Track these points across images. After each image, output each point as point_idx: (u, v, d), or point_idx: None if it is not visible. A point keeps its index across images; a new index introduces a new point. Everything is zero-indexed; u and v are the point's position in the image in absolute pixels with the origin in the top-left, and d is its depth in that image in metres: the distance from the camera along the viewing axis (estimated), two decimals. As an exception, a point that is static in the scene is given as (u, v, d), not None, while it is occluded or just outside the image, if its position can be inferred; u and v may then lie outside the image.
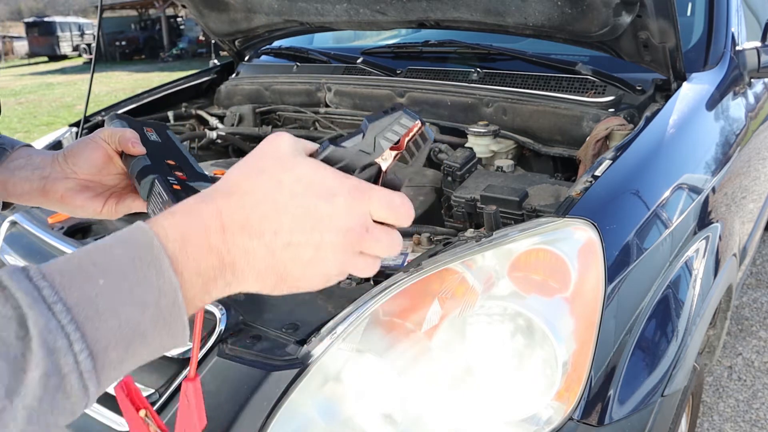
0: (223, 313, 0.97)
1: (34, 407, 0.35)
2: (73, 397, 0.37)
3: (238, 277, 0.44)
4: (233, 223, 0.43)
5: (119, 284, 0.38)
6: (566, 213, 0.92)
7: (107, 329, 0.37)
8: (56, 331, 0.35)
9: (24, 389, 0.34)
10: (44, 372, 0.35)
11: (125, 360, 0.39)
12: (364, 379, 0.87)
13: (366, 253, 0.48)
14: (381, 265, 0.62)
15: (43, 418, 0.36)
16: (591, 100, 1.48)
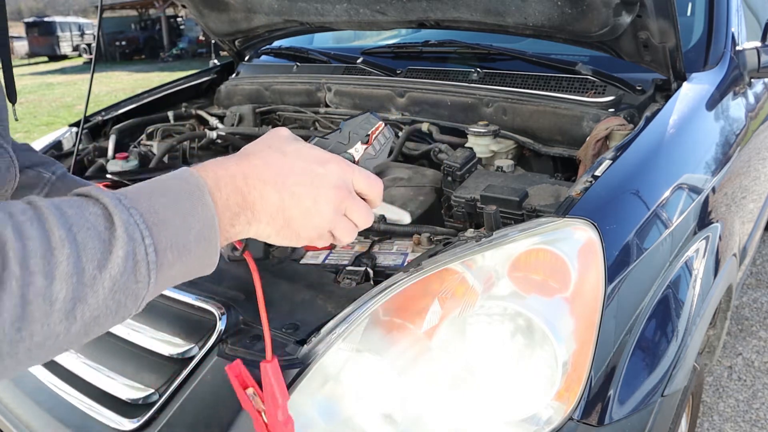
0: (223, 313, 0.97)
1: (116, 280, 0.46)
2: (141, 283, 0.48)
3: (257, 216, 0.56)
4: (253, 175, 0.56)
5: (175, 205, 0.50)
6: (566, 213, 0.92)
7: (166, 235, 0.49)
8: (133, 227, 0.47)
9: (111, 264, 0.46)
10: (125, 254, 0.46)
11: (174, 264, 0.50)
12: (364, 379, 0.87)
13: (348, 217, 0.62)
14: (381, 265, 0.76)
15: (120, 293, 0.47)
16: (591, 100, 1.48)
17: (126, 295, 0.48)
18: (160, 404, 0.94)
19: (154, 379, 1.01)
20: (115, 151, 1.88)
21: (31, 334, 0.43)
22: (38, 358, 0.46)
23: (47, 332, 0.44)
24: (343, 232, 0.62)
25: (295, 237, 0.60)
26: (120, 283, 0.47)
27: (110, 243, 0.46)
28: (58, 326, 0.45)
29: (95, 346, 1.13)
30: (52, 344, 0.45)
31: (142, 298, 0.49)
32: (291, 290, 1.02)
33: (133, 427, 0.96)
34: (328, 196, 0.59)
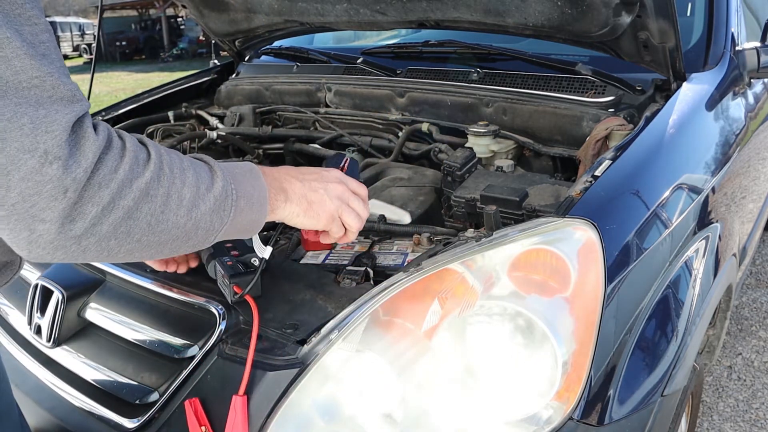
0: (224, 314, 0.97)
1: (217, 200, 0.68)
2: (225, 212, 0.69)
3: (289, 197, 0.81)
4: (283, 171, 0.83)
5: (246, 176, 0.74)
6: (566, 213, 0.92)
7: (242, 189, 0.72)
8: (225, 176, 0.71)
9: (214, 189, 0.68)
10: (222, 186, 0.69)
11: (243, 211, 0.72)
12: (364, 379, 0.87)
13: (352, 207, 0.87)
14: (381, 265, 0.91)
15: (214, 213, 0.68)
16: (591, 100, 1.48)
17: (217, 217, 0.69)
18: (161, 404, 0.95)
19: (154, 379, 1.01)
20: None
21: (167, 219, 0.63)
22: (162, 244, 0.65)
23: (175, 221, 0.64)
24: (350, 217, 0.86)
25: (317, 217, 0.83)
26: (218, 204, 0.68)
27: (213, 179, 0.69)
28: (181, 219, 0.64)
29: (96, 346, 1.13)
30: (174, 234, 0.64)
31: (223, 226, 0.70)
32: (291, 290, 1.02)
33: (133, 427, 0.96)
34: (334, 187, 0.85)
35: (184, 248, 0.69)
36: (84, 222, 0.56)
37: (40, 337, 1.17)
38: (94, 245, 0.58)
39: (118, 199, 0.58)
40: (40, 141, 0.53)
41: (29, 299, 1.21)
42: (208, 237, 0.70)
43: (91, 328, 1.17)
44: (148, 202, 0.61)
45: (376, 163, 1.62)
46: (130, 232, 0.60)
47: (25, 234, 0.55)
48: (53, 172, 0.53)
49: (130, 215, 0.59)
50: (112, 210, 0.58)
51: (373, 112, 1.84)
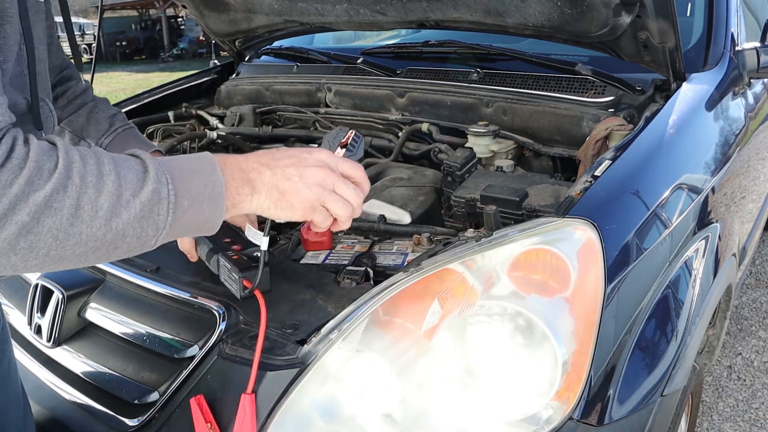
0: (224, 313, 0.97)
1: (144, 206, 0.62)
2: (161, 216, 0.63)
3: (256, 189, 0.72)
4: (252, 159, 0.73)
5: (193, 170, 0.67)
6: (566, 213, 0.93)
7: (184, 187, 0.65)
8: (161, 174, 0.63)
9: (142, 194, 0.61)
10: (153, 189, 0.62)
11: (187, 212, 0.65)
12: (364, 379, 0.87)
13: (339, 194, 0.76)
14: (381, 265, 0.85)
15: (145, 220, 0.62)
16: (591, 101, 1.49)
17: (149, 222, 0.63)
18: (161, 404, 0.95)
19: (154, 379, 1.01)
20: (115, 151, 1.88)
21: (79, 232, 0.58)
22: (80, 256, 0.60)
23: (89, 233, 0.59)
24: (336, 205, 0.76)
25: (291, 208, 0.74)
26: (146, 210, 0.62)
27: (143, 180, 0.62)
28: (98, 231, 0.59)
29: (96, 346, 1.14)
30: (92, 245, 0.60)
31: (161, 231, 0.64)
32: (291, 290, 1.02)
33: (133, 427, 0.96)
34: (313, 173, 0.75)
35: (115, 255, 0.64)
36: None
37: (41, 337, 1.17)
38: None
39: (11, 214, 0.55)
40: None
41: (29, 299, 1.21)
42: (143, 242, 0.64)
43: (91, 328, 1.17)
44: (51, 216, 0.57)
45: (376, 163, 1.62)
46: (33, 248, 0.57)
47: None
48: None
49: (29, 230, 0.56)
50: (3, 226, 0.54)
51: (373, 112, 1.84)
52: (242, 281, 0.93)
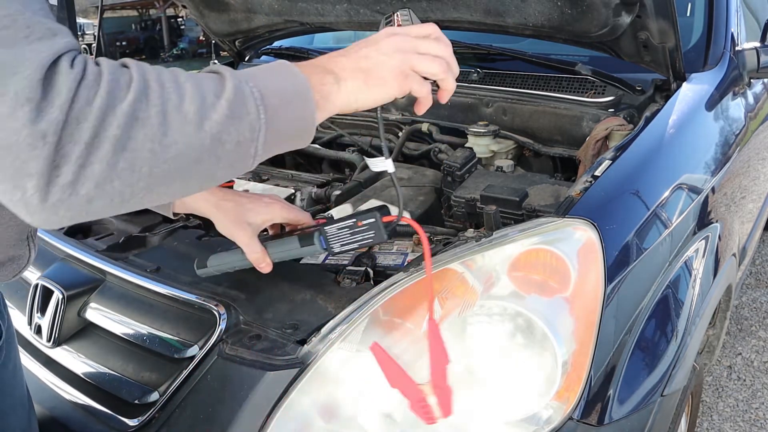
0: (223, 313, 0.97)
1: (231, 104, 0.58)
2: (251, 114, 0.60)
3: (340, 77, 0.69)
4: (325, 57, 0.71)
5: (270, 71, 0.64)
6: (566, 213, 0.93)
7: (266, 85, 0.62)
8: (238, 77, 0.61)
9: (225, 93, 0.58)
10: (234, 85, 0.59)
11: (278, 109, 0.62)
12: (364, 379, 0.87)
13: (423, 52, 0.76)
14: (381, 265, 0.84)
15: (237, 120, 0.59)
16: (591, 101, 1.49)
17: (242, 123, 0.59)
18: (161, 404, 0.95)
19: (154, 379, 1.01)
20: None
21: (174, 141, 0.55)
22: (185, 172, 0.57)
23: (185, 142, 0.55)
24: (425, 64, 0.76)
25: (383, 83, 0.72)
26: (234, 108, 0.58)
27: (221, 83, 0.59)
28: (193, 138, 0.56)
29: (96, 346, 1.14)
30: (192, 156, 0.56)
31: (257, 133, 0.60)
32: (291, 290, 1.02)
33: (133, 427, 0.96)
34: (387, 43, 0.74)
35: (220, 172, 0.61)
36: (70, 165, 0.50)
37: (41, 337, 1.17)
38: (96, 191, 0.52)
39: (101, 130, 0.51)
40: (9, 84, 0.49)
41: (29, 299, 1.21)
42: (244, 150, 0.60)
43: (92, 328, 1.17)
44: (141, 128, 0.53)
45: (376, 163, 1.62)
46: (133, 167, 0.53)
47: (18, 195, 0.50)
48: (26, 115, 0.49)
49: (124, 146, 0.52)
50: (98, 145, 0.51)
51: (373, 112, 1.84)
52: (382, 219, 0.89)
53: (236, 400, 0.87)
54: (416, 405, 0.80)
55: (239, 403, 0.86)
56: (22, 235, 0.79)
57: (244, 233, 0.97)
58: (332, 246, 0.93)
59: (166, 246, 1.24)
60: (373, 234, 0.90)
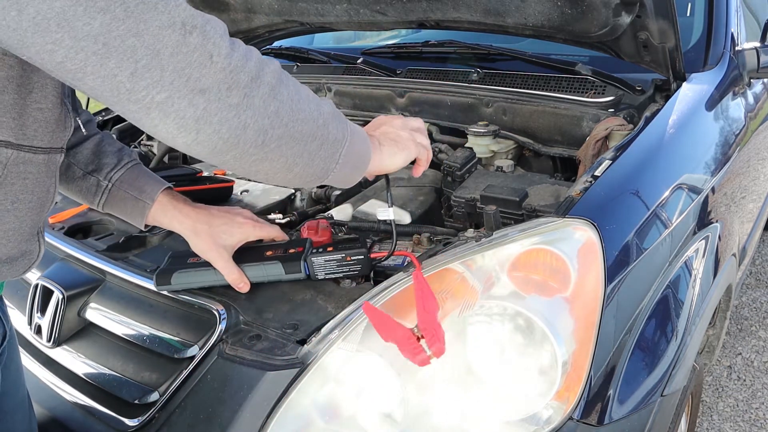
0: (223, 313, 0.97)
1: (333, 110, 0.76)
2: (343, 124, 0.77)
3: (378, 144, 0.87)
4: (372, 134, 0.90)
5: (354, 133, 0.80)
6: (566, 213, 0.93)
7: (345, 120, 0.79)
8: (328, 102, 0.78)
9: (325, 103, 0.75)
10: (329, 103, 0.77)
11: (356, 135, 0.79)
12: (364, 379, 0.87)
13: (420, 144, 0.94)
14: (381, 264, 0.89)
15: (338, 122, 0.76)
16: (591, 101, 1.49)
17: (339, 125, 0.75)
18: (161, 404, 0.95)
19: (154, 379, 1.01)
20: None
21: (304, 108, 0.69)
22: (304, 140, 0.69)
23: (309, 111, 0.69)
24: (421, 137, 0.95)
25: (408, 148, 0.91)
26: (335, 115, 0.75)
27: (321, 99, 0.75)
28: (314, 112, 0.70)
29: (96, 346, 1.14)
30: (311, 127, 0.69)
31: (345, 140, 0.75)
32: (291, 290, 1.02)
33: (133, 427, 0.96)
34: (404, 135, 0.92)
35: (318, 158, 0.72)
36: (239, 90, 0.60)
37: (41, 337, 1.17)
38: (252, 121, 0.62)
39: (261, 74, 0.62)
40: (175, 15, 0.56)
41: (29, 299, 1.21)
42: (335, 150, 0.73)
43: (91, 328, 1.17)
44: (285, 88, 0.65)
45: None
46: (278, 113, 0.64)
47: (190, 111, 0.57)
48: (195, 40, 0.56)
49: (275, 93, 0.64)
50: (259, 83, 0.62)
51: (373, 112, 1.84)
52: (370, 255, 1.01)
53: (236, 400, 0.87)
54: (406, 347, 0.81)
55: (239, 403, 0.86)
56: (33, 229, 0.80)
57: (219, 256, 0.99)
58: (317, 274, 1.01)
59: (166, 246, 1.24)
60: (360, 267, 0.99)
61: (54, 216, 1.40)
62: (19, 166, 0.71)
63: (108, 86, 0.55)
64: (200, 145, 0.61)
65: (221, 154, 0.63)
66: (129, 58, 0.54)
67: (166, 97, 0.56)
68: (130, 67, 0.54)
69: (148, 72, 0.55)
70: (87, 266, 1.21)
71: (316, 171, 0.73)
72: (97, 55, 0.53)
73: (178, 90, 0.57)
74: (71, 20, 0.51)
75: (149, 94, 0.56)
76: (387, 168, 0.89)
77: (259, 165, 0.67)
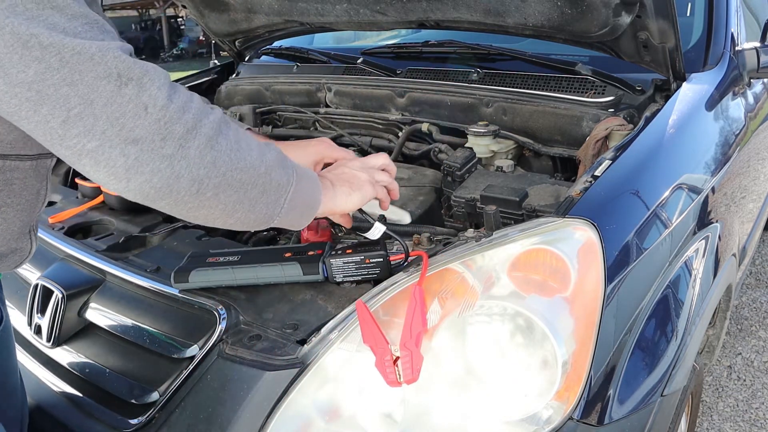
0: (223, 313, 0.97)
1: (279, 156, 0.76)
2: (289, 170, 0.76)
3: (332, 182, 0.88)
4: (321, 174, 0.90)
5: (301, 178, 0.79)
6: (566, 213, 0.93)
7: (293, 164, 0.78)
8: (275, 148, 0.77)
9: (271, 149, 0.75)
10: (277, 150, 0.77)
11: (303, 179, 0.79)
12: (364, 379, 0.87)
13: (378, 183, 0.95)
14: None
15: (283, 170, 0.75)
16: (591, 101, 1.48)
17: (284, 172, 0.75)
18: (161, 404, 0.95)
19: (154, 379, 1.01)
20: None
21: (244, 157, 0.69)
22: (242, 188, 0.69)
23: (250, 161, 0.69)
24: (382, 176, 0.97)
25: (363, 189, 0.91)
26: (281, 160, 0.75)
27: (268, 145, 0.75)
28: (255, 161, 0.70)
29: (96, 346, 1.14)
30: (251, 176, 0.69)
31: (290, 186, 0.75)
32: (291, 290, 1.02)
33: (133, 427, 0.96)
34: (352, 164, 0.95)
35: (259, 205, 0.72)
36: (173, 141, 0.60)
37: (40, 337, 1.17)
38: (186, 171, 0.62)
39: (199, 125, 0.63)
40: (111, 66, 0.57)
41: (29, 299, 1.21)
42: (279, 194, 0.73)
43: (91, 328, 1.17)
44: (224, 138, 0.66)
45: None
46: (215, 163, 0.64)
47: (121, 161, 0.58)
48: (130, 91, 0.57)
49: (212, 144, 0.64)
50: (195, 134, 0.62)
51: (373, 112, 1.84)
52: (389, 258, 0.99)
53: (236, 400, 0.87)
54: (381, 363, 0.81)
55: (239, 403, 0.86)
56: (24, 228, 0.81)
57: None
58: (335, 276, 0.99)
59: (166, 246, 1.24)
60: (379, 271, 0.97)
61: (54, 216, 1.40)
62: (4, 173, 0.72)
63: (41, 131, 0.57)
64: (131, 193, 0.61)
65: (153, 202, 0.63)
66: (62, 106, 0.55)
67: (97, 146, 0.57)
68: (62, 114, 0.56)
69: (81, 120, 0.56)
70: (87, 266, 1.21)
71: (258, 217, 0.73)
72: (30, 101, 0.55)
73: (109, 139, 0.57)
74: (6, 67, 0.54)
75: (80, 141, 0.57)
76: (341, 208, 0.88)
77: (197, 212, 0.67)
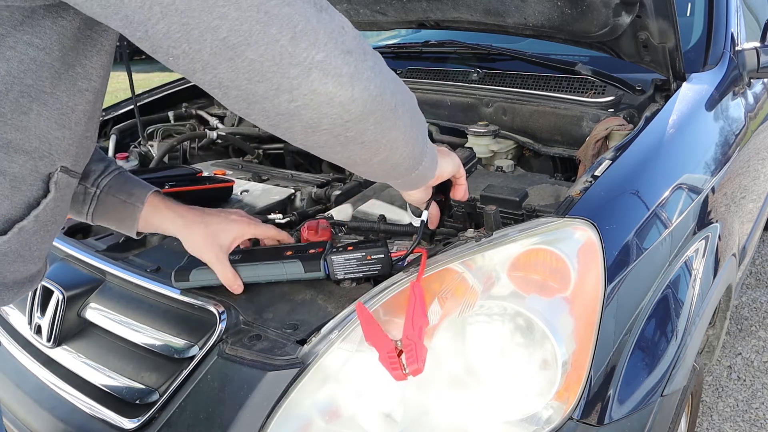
0: (224, 313, 0.97)
1: None
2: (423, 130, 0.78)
3: None
4: None
5: None
6: (566, 213, 0.93)
7: None
8: None
9: None
10: None
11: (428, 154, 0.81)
12: (364, 379, 0.87)
13: None
14: None
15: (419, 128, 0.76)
16: (591, 101, 1.49)
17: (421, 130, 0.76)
18: (161, 404, 0.95)
19: (154, 379, 1.01)
20: (115, 151, 1.88)
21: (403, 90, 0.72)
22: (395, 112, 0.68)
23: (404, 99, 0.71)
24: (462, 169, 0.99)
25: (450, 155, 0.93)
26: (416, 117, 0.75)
27: None
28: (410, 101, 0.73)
29: (96, 346, 1.14)
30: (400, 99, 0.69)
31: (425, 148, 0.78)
32: (291, 290, 1.02)
33: (133, 427, 0.96)
34: None
35: (420, 134, 0.75)
36: (369, 56, 0.66)
37: (40, 337, 1.17)
38: (384, 85, 0.66)
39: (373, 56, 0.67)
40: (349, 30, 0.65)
41: (29, 299, 1.21)
42: (424, 129, 0.76)
43: (91, 328, 1.17)
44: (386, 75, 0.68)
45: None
46: (394, 80, 0.69)
47: (345, 69, 0.62)
48: (327, 16, 0.63)
49: (379, 71, 0.66)
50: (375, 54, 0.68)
51: None
52: (390, 255, 0.98)
53: (236, 400, 0.87)
54: (384, 357, 0.80)
55: (239, 403, 0.86)
56: (48, 249, 0.81)
57: (215, 256, 0.99)
58: (336, 273, 0.99)
59: (166, 246, 1.24)
60: (380, 267, 0.97)
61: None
62: (65, 189, 0.74)
63: (270, 53, 0.57)
64: (355, 103, 0.63)
65: (367, 116, 0.65)
66: (287, 23, 0.57)
67: (324, 56, 0.60)
68: (290, 32, 0.57)
69: (305, 35, 0.58)
70: (87, 266, 1.21)
71: (415, 150, 0.75)
72: (260, 23, 0.56)
73: (332, 50, 0.60)
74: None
75: (310, 54, 0.59)
76: (445, 170, 0.90)
77: (389, 134, 0.69)
